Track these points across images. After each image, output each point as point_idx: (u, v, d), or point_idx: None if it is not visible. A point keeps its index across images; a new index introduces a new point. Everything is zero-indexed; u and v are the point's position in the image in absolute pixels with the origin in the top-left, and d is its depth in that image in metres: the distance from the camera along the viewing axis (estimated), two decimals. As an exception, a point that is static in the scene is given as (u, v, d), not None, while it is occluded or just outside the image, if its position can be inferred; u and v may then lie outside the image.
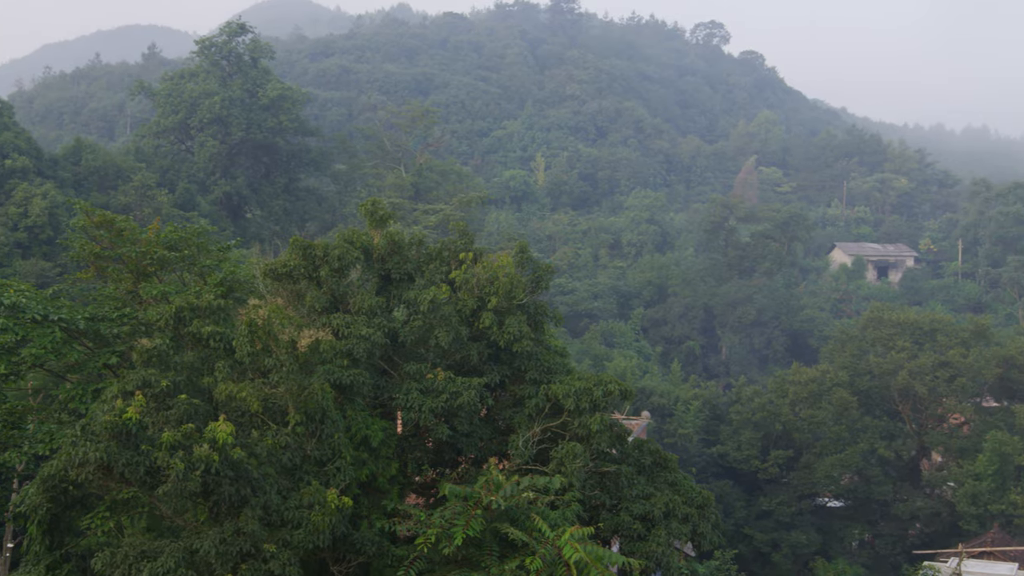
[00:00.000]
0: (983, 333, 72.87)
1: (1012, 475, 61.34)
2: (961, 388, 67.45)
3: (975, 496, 61.14)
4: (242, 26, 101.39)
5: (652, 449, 30.57)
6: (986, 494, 60.75)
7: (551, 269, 31.14)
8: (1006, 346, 71.43)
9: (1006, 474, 61.17)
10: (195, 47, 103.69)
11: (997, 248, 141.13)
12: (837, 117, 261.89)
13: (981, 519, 61.06)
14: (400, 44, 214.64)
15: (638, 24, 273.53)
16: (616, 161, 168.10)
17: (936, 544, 61.35)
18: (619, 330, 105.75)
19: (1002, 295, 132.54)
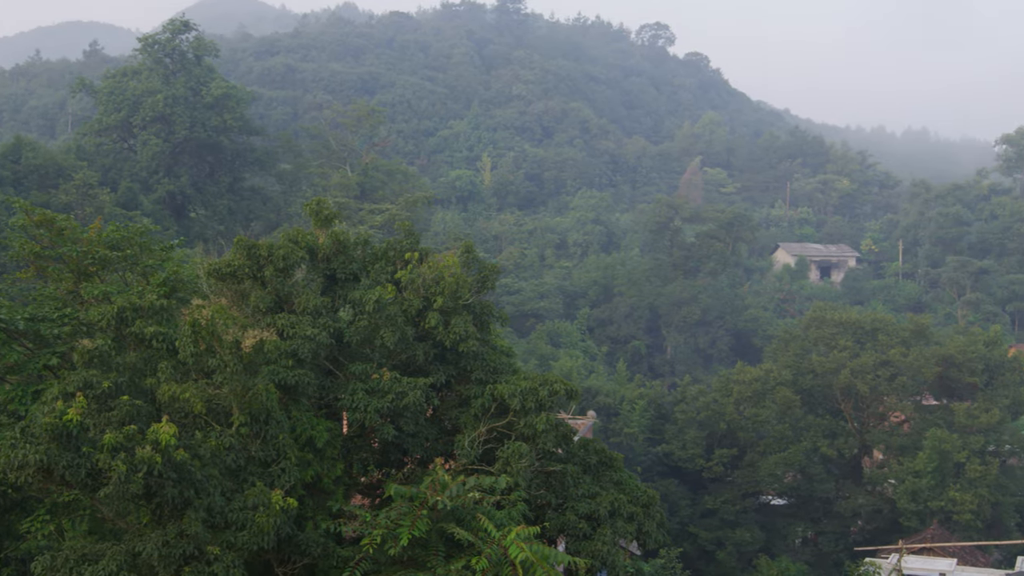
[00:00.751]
0: (923, 332, 73.95)
1: (951, 472, 62.27)
2: (901, 387, 68.42)
3: (915, 493, 62.01)
4: (186, 23, 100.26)
5: (598, 448, 30.69)
6: (926, 491, 61.64)
7: (497, 269, 31.18)
8: (945, 345, 72.50)
9: (945, 471, 62.09)
10: (138, 44, 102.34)
11: (936, 249, 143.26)
12: (780, 119, 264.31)
13: (921, 516, 61.95)
14: (346, 43, 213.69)
15: (584, 25, 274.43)
16: (562, 161, 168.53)
17: (877, 541, 62.08)
18: (565, 330, 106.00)
19: (941, 295, 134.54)
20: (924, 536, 57.37)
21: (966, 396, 70.80)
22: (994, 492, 62.51)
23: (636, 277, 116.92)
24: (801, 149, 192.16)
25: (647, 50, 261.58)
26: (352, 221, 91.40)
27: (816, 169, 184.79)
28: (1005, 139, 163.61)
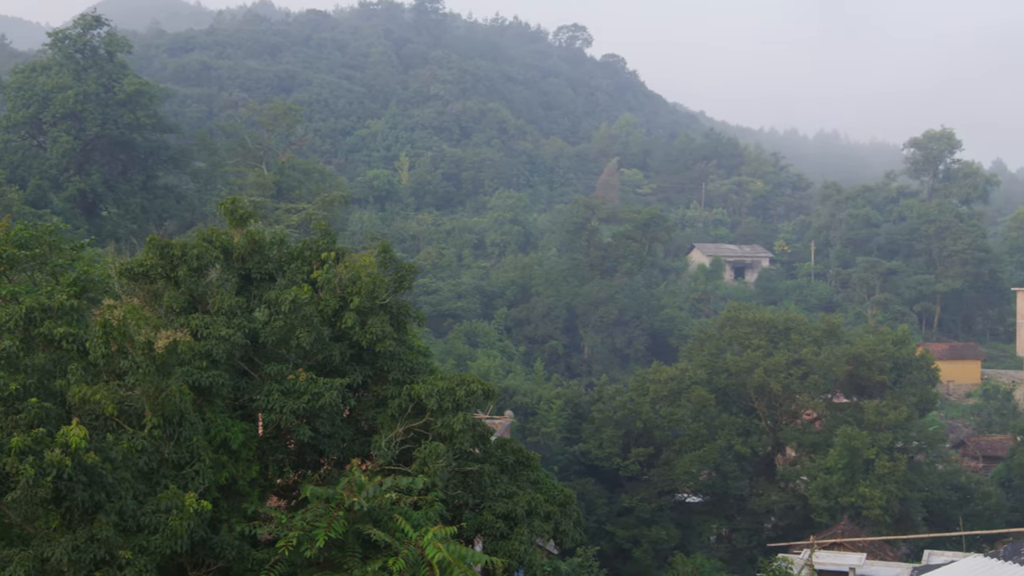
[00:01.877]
0: (834, 332, 75.32)
1: (861, 468, 63.50)
2: (813, 385, 69.60)
3: (826, 489, 63.16)
4: (97, 19, 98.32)
5: (515, 448, 30.78)
6: (836, 487, 62.80)
7: (414, 269, 31.14)
8: (855, 344, 73.93)
9: (855, 468, 63.30)
10: (47, 39, 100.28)
11: (847, 249, 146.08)
12: (696, 121, 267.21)
13: (832, 511, 63.10)
14: (262, 41, 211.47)
15: (502, 26, 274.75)
16: (480, 161, 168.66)
17: (790, 536, 63.09)
18: (482, 330, 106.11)
19: (852, 295, 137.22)
20: (835, 531, 58.42)
21: (875, 394, 72.25)
22: (902, 488, 63.88)
23: (553, 277, 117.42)
24: (716, 151, 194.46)
25: (564, 51, 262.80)
26: (268, 220, 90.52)
27: (731, 171, 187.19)
28: (913, 143, 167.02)
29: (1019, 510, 73.30)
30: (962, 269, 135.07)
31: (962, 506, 68.78)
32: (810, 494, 64.50)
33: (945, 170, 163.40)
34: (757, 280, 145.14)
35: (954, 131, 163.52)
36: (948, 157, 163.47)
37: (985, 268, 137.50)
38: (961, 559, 37.10)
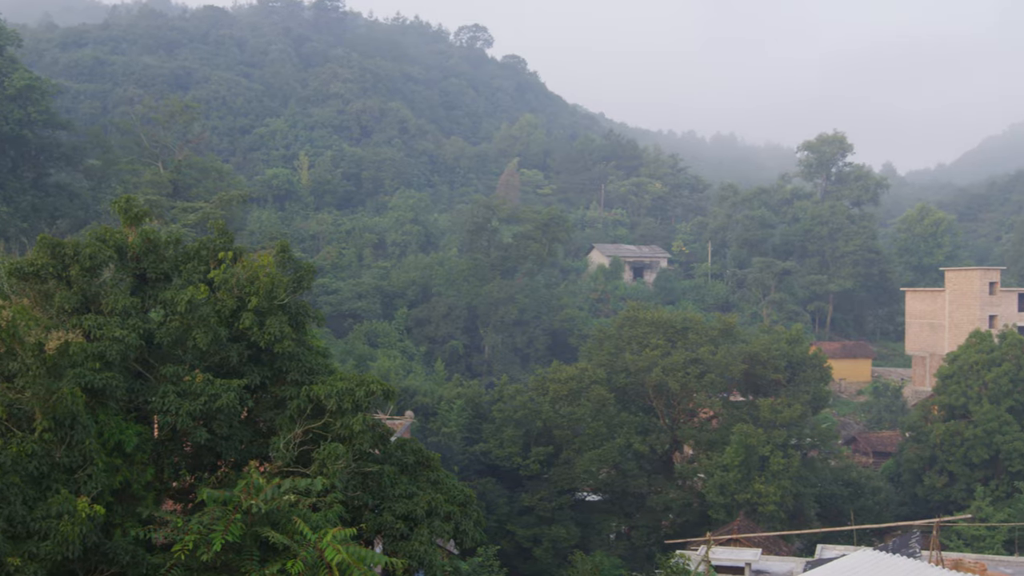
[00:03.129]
0: (730, 331, 76.56)
1: (756, 465, 64.63)
2: (710, 384, 70.62)
3: (723, 486, 64.15)
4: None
5: (415, 448, 30.73)
6: (733, 484, 63.82)
7: (313, 269, 30.90)
8: (751, 343, 75.26)
9: (751, 465, 64.41)
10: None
11: (743, 250, 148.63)
12: (595, 122, 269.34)
13: (729, 508, 64.10)
14: (158, 36, 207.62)
15: (403, 25, 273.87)
16: (380, 161, 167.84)
17: (688, 533, 63.90)
18: (383, 330, 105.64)
19: (747, 295, 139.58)
20: (731, 528, 59.30)
21: (770, 392, 73.61)
22: (796, 484, 65.16)
23: (454, 277, 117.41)
24: (615, 152, 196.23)
25: (466, 51, 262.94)
26: (164, 219, 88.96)
27: (630, 172, 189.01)
28: (806, 146, 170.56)
29: (907, 504, 75.41)
30: (853, 270, 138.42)
31: (853, 501, 70.43)
32: (707, 491, 65.46)
33: (837, 173, 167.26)
34: (655, 280, 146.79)
35: (845, 135, 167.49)
36: (840, 160, 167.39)
37: (875, 268, 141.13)
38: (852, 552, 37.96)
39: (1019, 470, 70.33)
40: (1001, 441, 70.92)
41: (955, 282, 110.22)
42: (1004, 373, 73.81)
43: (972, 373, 75.54)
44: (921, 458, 75.66)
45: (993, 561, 48.85)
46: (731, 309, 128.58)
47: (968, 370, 75.97)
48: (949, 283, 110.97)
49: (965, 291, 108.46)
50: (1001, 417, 71.51)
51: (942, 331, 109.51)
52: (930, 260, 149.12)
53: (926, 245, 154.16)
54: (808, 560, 50.37)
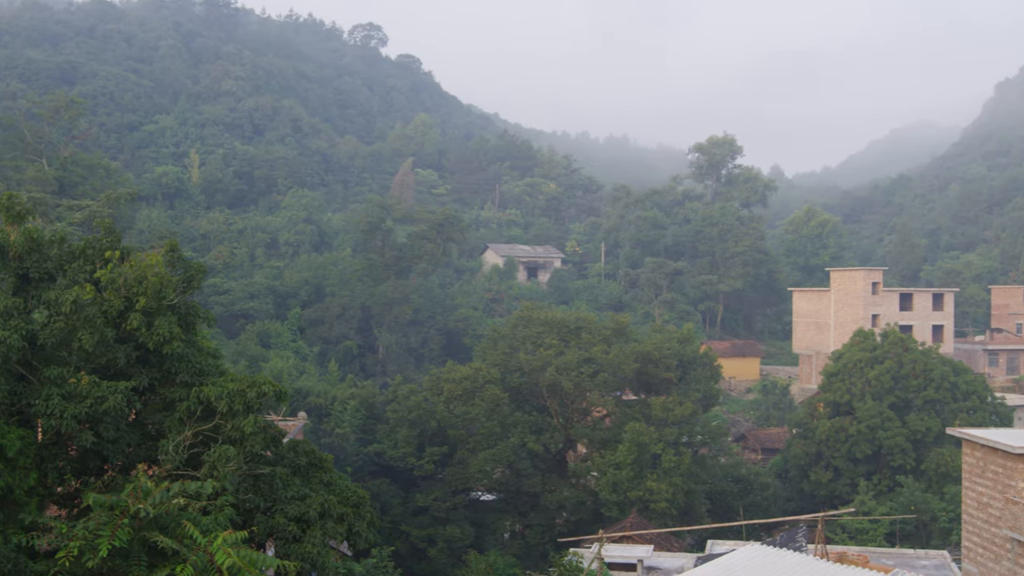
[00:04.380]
0: (623, 331, 77.36)
1: (648, 463, 65.41)
2: (603, 383, 71.30)
3: (616, 484, 64.80)
4: None
5: (307, 450, 30.53)
6: (625, 482, 64.52)
7: (203, 268, 30.48)
8: (643, 342, 76.16)
9: (643, 462, 65.18)
10: None
11: (636, 251, 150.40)
12: (490, 122, 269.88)
13: (621, 505, 64.78)
14: (43, 30, 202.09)
15: (296, 22, 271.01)
16: (273, 160, 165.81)
17: (581, 531, 64.39)
18: (276, 330, 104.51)
19: (640, 295, 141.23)
20: (624, 525, 59.92)
21: (662, 390, 74.56)
22: (687, 481, 66.07)
23: (348, 277, 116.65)
24: (510, 153, 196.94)
25: (360, 50, 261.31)
26: (49, 218, 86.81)
27: (524, 172, 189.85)
28: (697, 148, 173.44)
29: (794, 499, 77.08)
30: (743, 270, 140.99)
31: (743, 497, 71.72)
32: (600, 489, 66.05)
33: (727, 175, 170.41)
34: (549, 280, 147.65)
35: (735, 138, 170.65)
36: (730, 162, 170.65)
37: (764, 269, 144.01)
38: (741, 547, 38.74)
39: (900, 464, 72.40)
40: (883, 437, 72.92)
41: (840, 282, 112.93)
42: (886, 371, 75.95)
43: (856, 371, 77.55)
44: (807, 454, 77.39)
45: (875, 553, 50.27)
46: (624, 309, 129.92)
47: (852, 368, 77.98)
48: (834, 283, 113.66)
49: (849, 291, 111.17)
50: (883, 413, 73.52)
51: (827, 330, 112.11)
52: (816, 261, 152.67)
53: (812, 246, 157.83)
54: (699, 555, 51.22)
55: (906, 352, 77.84)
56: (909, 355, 77.51)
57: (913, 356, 77.44)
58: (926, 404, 75.14)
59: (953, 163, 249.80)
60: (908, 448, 72.58)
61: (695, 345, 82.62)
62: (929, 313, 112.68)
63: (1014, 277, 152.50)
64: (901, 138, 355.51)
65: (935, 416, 74.04)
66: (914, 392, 75.51)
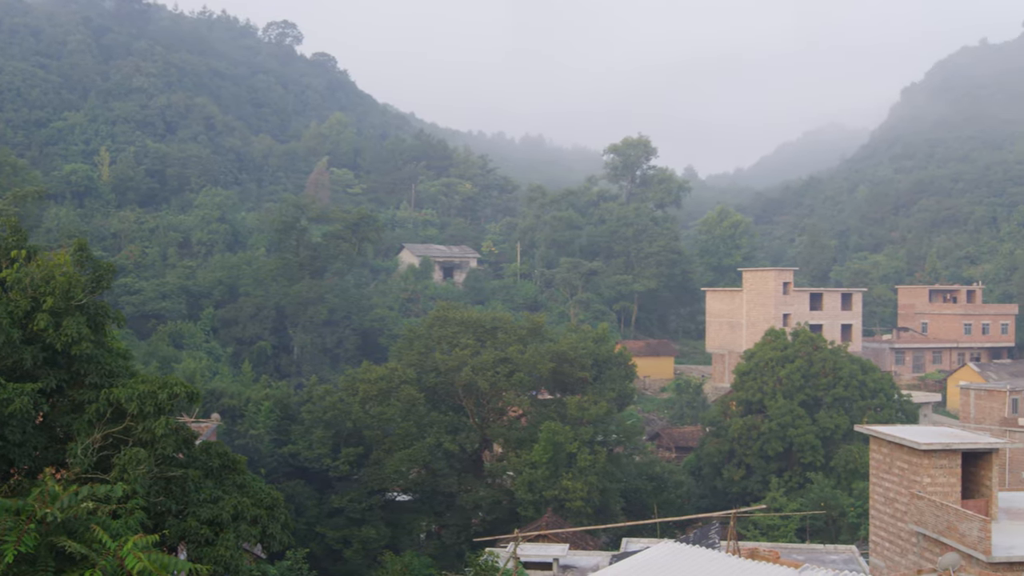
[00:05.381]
0: (538, 330, 77.77)
1: (564, 462, 65.80)
2: (519, 382, 71.52)
3: (531, 484, 65.08)
4: None
5: (220, 451, 30.17)
6: (541, 481, 64.81)
7: (114, 268, 29.98)
8: (559, 342, 76.60)
9: (559, 462, 65.55)
10: None
11: (551, 251, 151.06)
12: (406, 122, 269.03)
13: (537, 505, 65.05)
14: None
15: (209, 19, 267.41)
16: (186, 158, 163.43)
17: (497, 531, 64.48)
18: (188, 331, 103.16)
19: (555, 294, 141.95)
20: (540, 524, 60.14)
21: (577, 390, 75.04)
22: (602, 479, 66.60)
23: (262, 277, 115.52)
24: (426, 152, 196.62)
25: (274, 48, 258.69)
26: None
27: (440, 172, 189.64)
28: (612, 148, 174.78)
29: (708, 496, 78.07)
30: (657, 270, 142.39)
31: (657, 495, 72.42)
32: (516, 488, 66.28)
33: (642, 176, 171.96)
34: (465, 280, 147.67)
35: (649, 139, 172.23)
36: (644, 163, 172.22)
37: (678, 269, 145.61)
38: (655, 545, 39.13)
39: (810, 461, 73.72)
40: (794, 434, 74.18)
41: (752, 282, 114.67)
42: (797, 369, 77.30)
43: (767, 370, 78.79)
44: (720, 452, 78.45)
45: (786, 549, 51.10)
46: (539, 309, 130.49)
47: (764, 367, 79.21)
48: (746, 283, 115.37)
49: (761, 291, 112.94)
50: (794, 411, 74.81)
51: (740, 329, 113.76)
52: (729, 261, 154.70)
53: (725, 246, 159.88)
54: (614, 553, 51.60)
55: (816, 351, 79.31)
56: (819, 354, 78.99)
57: (823, 355, 78.93)
58: (835, 402, 76.64)
59: (861, 165, 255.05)
60: (818, 445, 73.94)
61: (610, 345, 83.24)
62: (838, 312, 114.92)
63: (920, 277, 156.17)
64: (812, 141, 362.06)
65: (844, 414, 75.50)
66: (824, 390, 76.95)
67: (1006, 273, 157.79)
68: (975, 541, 31.95)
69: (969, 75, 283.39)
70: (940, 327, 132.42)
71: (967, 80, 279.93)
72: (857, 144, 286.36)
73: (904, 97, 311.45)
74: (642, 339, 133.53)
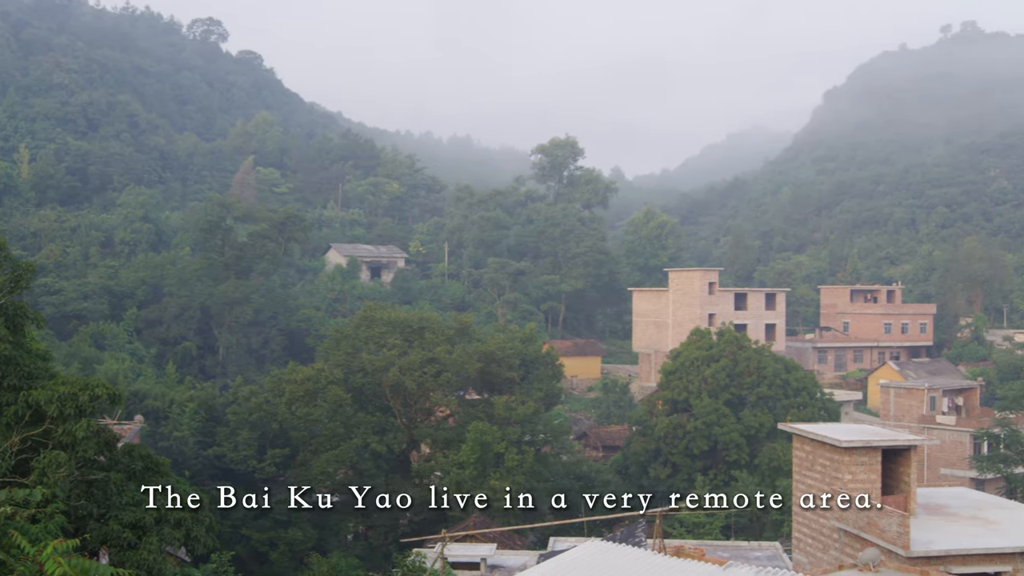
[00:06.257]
0: (466, 330, 77.81)
1: (491, 462, 65.85)
2: (447, 383, 71.49)
3: (459, 484, 65.02)
4: None
5: (144, 454, 29.81)
6: (469, 481, 64.81)
7: (33, 268, 29.49)
8: (486, 342, 76.67)
9: (486, 461, 65.59)
10: None
11: (479, 251, 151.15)
12: (334, 121, 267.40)
13: (465, 505, 65.01)
14: None
15: (133, 15, 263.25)
16: (109, 156, 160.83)
17: (425, 531, 64.32)
18: (111, 332, 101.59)
19: (483, 294, 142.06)
20: (467, 524, 60.14)
21: (505, 390, 75.18)
22: (529, 479, 66.74)
23: (187, 277, 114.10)
24: (353, 152, 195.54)
25: (199, 45, 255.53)
26: None
27: (368, 172, 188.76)
28: (540, 149, 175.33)
29: (634, 495, 78.49)
30: (584, 270, 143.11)
31: (584, 494, 72.72)
32: (444, 488, 66.17)
33: (569, 176, 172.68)
34: (393, 280, 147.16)
35: (576, 140, 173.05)
36: (572, 164, 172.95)
37: (605, 269, 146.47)
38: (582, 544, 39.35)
39: (735, 459, 74.60)
40: (719, 432, 75.03)
41: (678, 282, 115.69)
42: (722, 368, 78.20)
43: (693, 369, 79.60)
44: (647, 451, 79.07)
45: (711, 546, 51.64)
46: (467, 309, 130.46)
47: (689, 366, 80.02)
48: (672, 283, 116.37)
49: (687, 291, 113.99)
50: (719, 410, 75.67)
51: (666, 329, 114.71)
52: (655, 261, 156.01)
53: (652, 247, 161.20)
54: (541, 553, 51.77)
55: (741, 350, 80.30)
56: (743, 353, 79.99)
57: (747, 354, 79.94)
58: (759, 400, 77.68)
59: (785, 167, 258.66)
60: (742, 443, 74.85)
61: (537, 345, 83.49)
62: (762, 312, 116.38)
63: (841, 277, 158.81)
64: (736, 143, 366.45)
65: (768, 412, 76.50)
66: (748, 389, 77.94)
67: (924, 273, 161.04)
68: (894, 536, 32.58)
69: (889, 79, 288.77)
70: (861, 326, 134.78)
71: (887, 84, 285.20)
72: (781, 146, 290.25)
73: (826, 100, 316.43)
74: (569, 339, 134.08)
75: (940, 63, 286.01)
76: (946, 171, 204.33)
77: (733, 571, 25.82)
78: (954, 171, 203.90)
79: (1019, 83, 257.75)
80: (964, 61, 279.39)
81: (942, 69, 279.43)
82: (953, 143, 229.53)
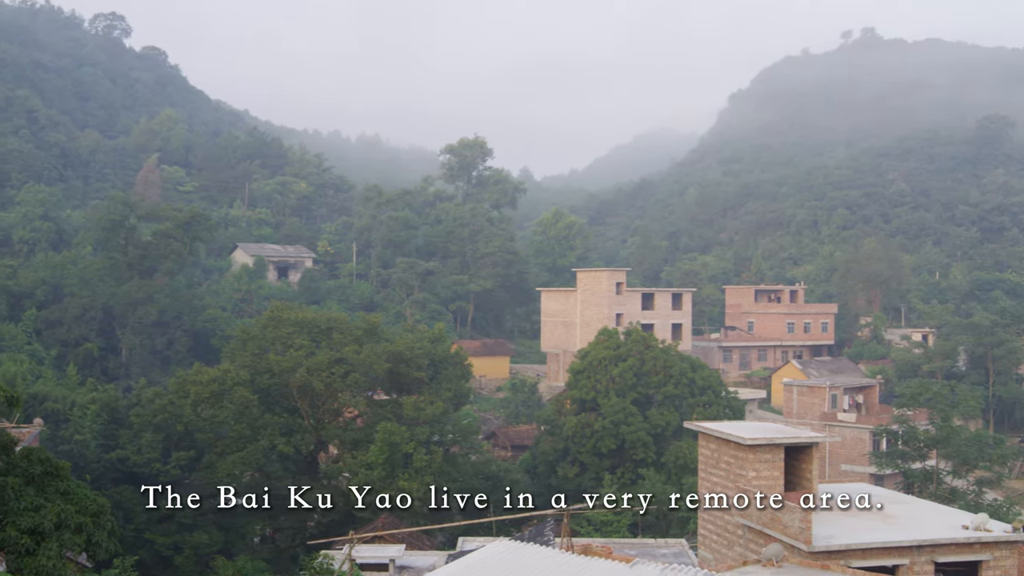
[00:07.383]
0: (375, 331, 77.48)
1: (400, 462, 65.68)
2: (355, 383, 71.15)
3: (368, 484, 64.74)
4: None
5: (43, 457, 29.21)
6: (377, 482, 64.55)
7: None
8: (395, 342, 76.45)
9: (395, 462, 65.38)
10: None
11: (388, 251, 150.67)
12: (240, 119, 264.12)
13: (373, 506, 64.76)
14: None
15: (32, 9, 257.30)
16: (6, 153, 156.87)
17: (334, 533, 63.95)
18: (9, 333, 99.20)
19: (392, 294, 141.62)
20: (376, 525, 59.96)
21: (414, 390, 75.03)
22: (438, 479, 66.69)
23: (89, 277, 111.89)
24: (260, 150, 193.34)
25: (102, 40, 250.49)
26: None
27: (275, 171, 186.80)
28: (448, 149, 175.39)
29: (543, 495, 78.77)
30: (493, 270, 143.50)
31: (493, 493, 72.86)
32: (352, 489, 65.81)
33: (478, 176, 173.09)
34: (300, 280, 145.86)
35: (485, 140, 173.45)
36: (480, 164, 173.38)
37: (513, 269, 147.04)
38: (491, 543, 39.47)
39: (642, 458, 75.38)
40: (626, 431, 75.75)
41: (586, 282, 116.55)
42: (629, 368, 78.99)
43: (601, 368, 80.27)
44: (555, 450, 79.52)
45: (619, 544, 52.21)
46: (376, 309, 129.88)
47: (597, 366, 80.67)
48: (580, 283, 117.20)
49: (595, 291, 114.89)
50: (626, 409, 76.39)
51: (574, 329, 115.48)
52: (564, 261, 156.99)
53: (560, 247, 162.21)
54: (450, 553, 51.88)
55: (648, 350, 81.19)
56: (651, 352, 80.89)
57: (654, 353, 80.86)
58: (666, 399, 78.59)
59: (691, 169, 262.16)
60: (649, 442, 75.64)
61: (446, 345, 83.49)
62: (669, 312, 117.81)
63: (746, 278, 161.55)
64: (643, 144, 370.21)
65: (674, 410, 77.46)
66: (655, 388, 78.82)
67: (826, 274, 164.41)
68: (797, 532, 33.22)
69: (792, 83, 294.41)
70: (765, 326, 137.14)
71: (790, 88, 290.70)
72: (687, 148, 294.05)
73: (731, 103, 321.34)
74: (478, 339, 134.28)
75: (841, 68, 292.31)
76: (847, 174, 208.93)
77: (640, 569, 26.13)
78: (855, 174, 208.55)
79: (916, 88, 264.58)
80: (864, 67, 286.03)
81: (843, 74, 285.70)
82: (854, 146, 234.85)
